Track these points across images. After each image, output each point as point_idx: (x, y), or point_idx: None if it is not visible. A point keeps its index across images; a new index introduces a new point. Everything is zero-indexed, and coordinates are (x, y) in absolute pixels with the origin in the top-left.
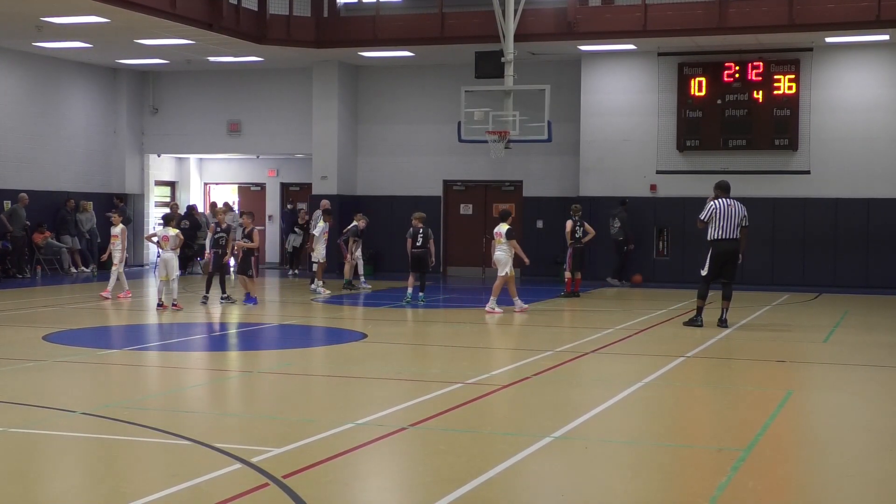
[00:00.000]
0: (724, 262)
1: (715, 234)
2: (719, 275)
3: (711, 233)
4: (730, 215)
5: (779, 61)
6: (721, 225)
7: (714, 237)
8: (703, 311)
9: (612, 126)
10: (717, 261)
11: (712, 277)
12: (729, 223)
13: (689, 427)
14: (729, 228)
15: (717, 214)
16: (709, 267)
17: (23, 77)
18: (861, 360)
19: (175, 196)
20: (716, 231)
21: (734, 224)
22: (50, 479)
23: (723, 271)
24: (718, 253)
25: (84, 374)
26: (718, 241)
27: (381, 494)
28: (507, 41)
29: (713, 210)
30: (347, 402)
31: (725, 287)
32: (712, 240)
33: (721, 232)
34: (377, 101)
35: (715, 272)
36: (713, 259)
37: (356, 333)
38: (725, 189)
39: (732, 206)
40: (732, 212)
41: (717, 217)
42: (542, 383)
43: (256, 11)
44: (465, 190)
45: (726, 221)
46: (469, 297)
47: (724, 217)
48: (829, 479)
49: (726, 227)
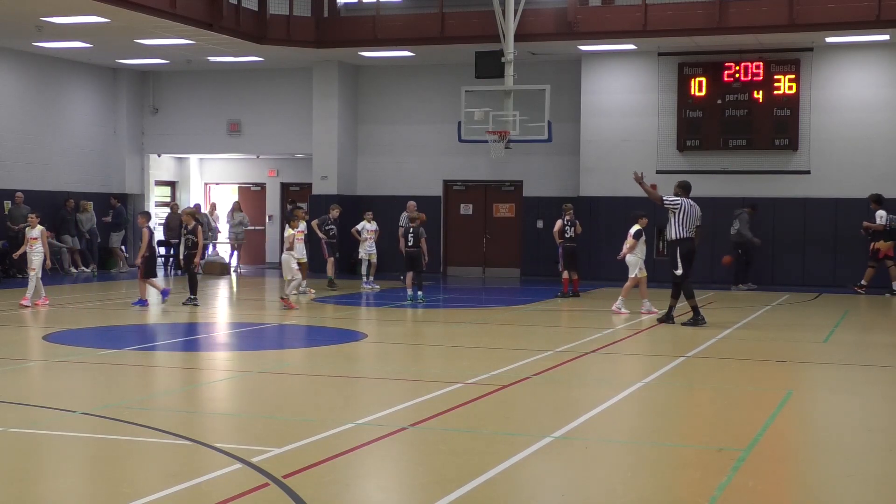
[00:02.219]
0: (691, 261)
1: (679, 234)
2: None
3: (676, 232)
4: (692, 215)
5: (779, 61)
6: (684, 224)
7: (679, 236)
8: (699, 308)
9: (612, 126)
10: (687, 258)
11: (689, 275)
12: (690, 223)
13: (689, 427)
14: (689, 228)
15: (683, 214)
16: (682, 265)
17: (23, 77)
18: (861, 360)
19: (175, 196)
20: (679, 230)
21: (693, 224)
22: (50, 479)
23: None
24: (688, 251)
25: (84, 374)
26: (683, 240)
27: (381, 494)
28: (507, 41)
29: (680, 206)
30: (347, 402)
31: (676, 286)
32: (680, 238)
33: (686, 231)
34: (377, 101)
35: (689, 270)
36: (684, 257)
37: (356, 333)
38: (687, 189)
39: (694, 207)
40: (695, 212)
41: (681, 217)
42: (542, 383)
43: (256, 11)
44: (465, 190)
45: (688, 221)
46: (469, 297)
47: (687, 216)
48: (829, 479)
49: (688, 226)
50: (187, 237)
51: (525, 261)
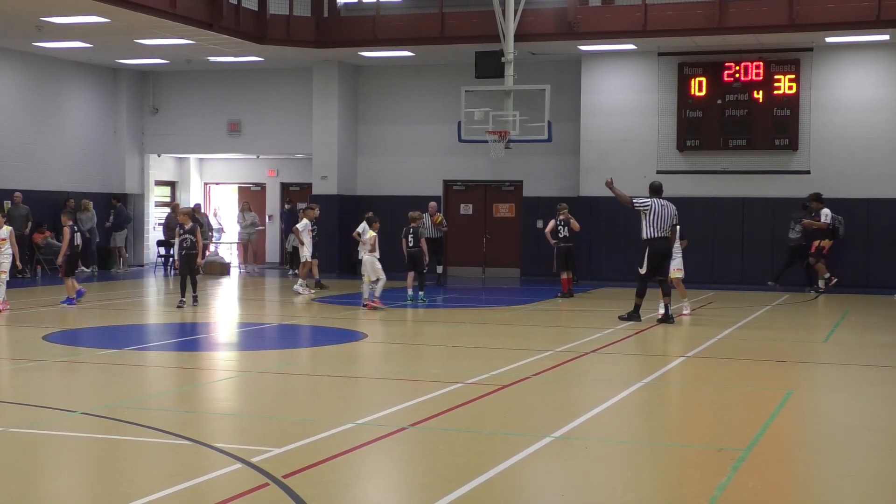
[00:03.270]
0: (661, 260)
1: (650, 234)
2: (655, 272)
3: (647, 232)
4: (663, 215)
5: (779, 61)
6: (656, 224)
7: (650, 236)
8: (640, 307)
9: (612, 126)
10: (654, 259)
11: (651, 276)
12: (662, 222)
13: (689, 427)
14: (662, 227)
15: (653, 214)
16: (647, 265)
17: (23, 77)
18: (861, 360)
19: (175, 196)
20: (651, 230)
21: (667, 224)
22: (50, 479)
23: (658, 269)
24: (655, 252)
25: (84, 374)
26: (654, 239)
27: (381, 494)
28: (507, 41)
29: (650, 208)
30: (347, 402)
31: (662, 284)
32: (648, 238)
33: (655, 231)
34: (377, 101)
35: (652, 270)
36: (650, 258)
37: (356, 333)
38: (658, 190)
39: (666, 207)
40: (665, 212)
41: (652, 217)
42: (542, 383)
43: (256, 11)
44: (465, 190)
45: (660, 221)
46: (469, 297)
47: (659, 217)
48: (829, 479)
49: (660, 226)
50: (184, 237)
51: (525, 261)
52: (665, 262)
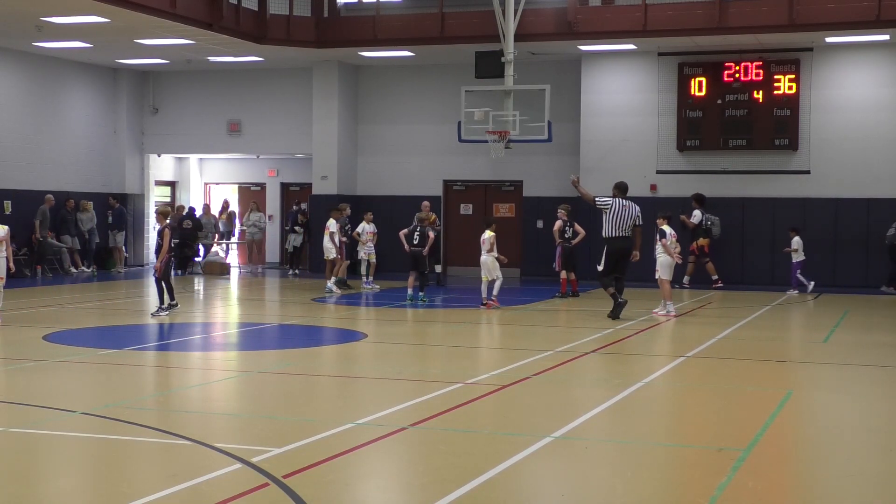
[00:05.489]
0: (618, 259)
1: (609, 233)
2: (613, 270)
3: (606, 230)
4: (624, 215)
5: (779, 61)
6: (616, 224)
7: (608, 235)
8: (617, 296)
9: (612, 126)
10: (611, 257)
11: (608, 272)
12: (622, 222)
13: (689, 427)
14: (622, 227)
15: (613, 213)
16: (605, 263)
17: (23, 77)
18: (861, 360)
19: (175, 196)
20: (610, 229)
21: (627, 224)
22: (50, 479)
23: (616, 267)
24: (613, 250)
25: (84, 374)
26: (612, 238)
27: (381, 494)
28: (507, 41)
29: (611, 207)
30: (347, 402)
31: (618, 282)
32: (607, 237)
33: (615, 230)
34: (377, 101)
35: (610, 268)
36: (608, 256)
37: (356, 333)
38: (623, 190)
39: (628, 207)
40: (627, 212)
41: (612, 216)
42: (542, 383)
43: (256, 11)
44: (465, 190)
45: (620, 220)
46: (469, 297)
47: (619, 216)
48: (829, 479)
49: (620, 225)
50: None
51: (525, 261)
52: (623, 261)
